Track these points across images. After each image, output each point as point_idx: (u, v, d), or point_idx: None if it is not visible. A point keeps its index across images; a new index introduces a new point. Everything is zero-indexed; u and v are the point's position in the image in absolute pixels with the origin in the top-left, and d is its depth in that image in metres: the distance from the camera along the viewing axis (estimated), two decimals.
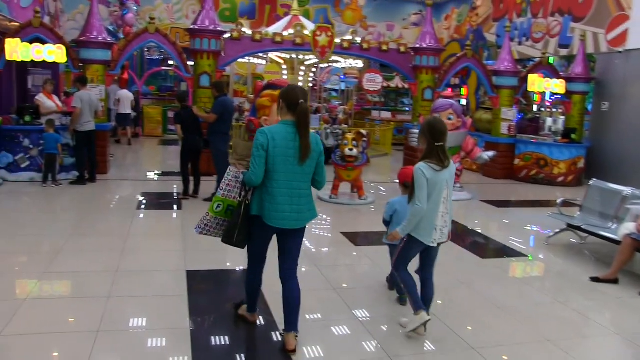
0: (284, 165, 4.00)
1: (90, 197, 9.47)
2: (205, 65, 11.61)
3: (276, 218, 4.05)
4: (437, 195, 4.35)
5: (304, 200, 4.13)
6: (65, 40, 11.11)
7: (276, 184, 4.02)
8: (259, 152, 3.95)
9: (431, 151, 4.35)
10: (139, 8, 19.94)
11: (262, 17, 22.17)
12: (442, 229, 4.48)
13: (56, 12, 17.93)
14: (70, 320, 4.62)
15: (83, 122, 10.16)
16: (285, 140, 3.99)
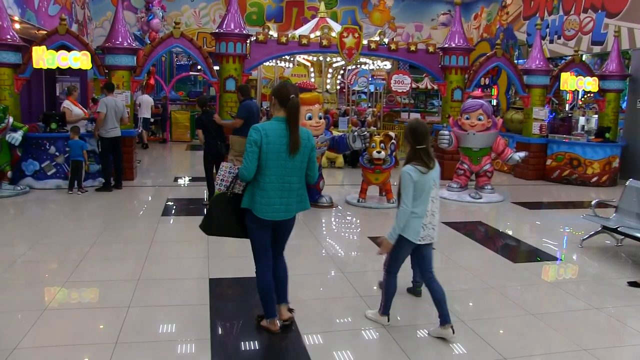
0: (276, 160, 4.17)
1: (115, 203, 9.43)
2: (230, 69, 11.53)
3: (267, 211, 4.22)
4: (426, 195, 4.46)
5: (294, 194, 4.32)
6: (90, 46, 11.15)
7: (268, 179, 4.19)
8: (252, 148, 4.12)
9: (415, 154, 4.44)
10: (164, 13, 20.05)
11: (290, 20, 22.10)
12: (432, 227, 4.57)
13: (84, 20, 18.10)
14: (89, 332, 4.51)
15: (108, 128, 10.13)
16: (278, 136, 4.16)
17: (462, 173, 10.58)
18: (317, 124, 8.76)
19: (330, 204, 9.29)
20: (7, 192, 9.63)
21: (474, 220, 8.92)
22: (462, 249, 7.35)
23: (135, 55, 11.20)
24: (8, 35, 10.50)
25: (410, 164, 4.43)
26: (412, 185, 4.38)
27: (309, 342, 4.46)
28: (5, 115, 9.62)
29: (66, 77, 15.87)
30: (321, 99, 9.37)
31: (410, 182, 4.38)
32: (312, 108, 8.69)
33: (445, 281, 5.96)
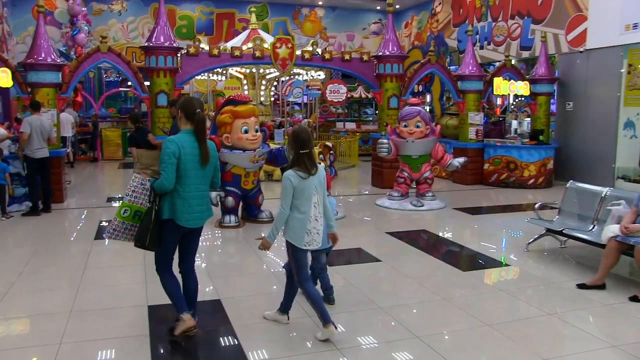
0: (193, 170, 4.38)
1: (44, 228, 8.89)
2: (162, 84, 11.15)
3: (189, 219, 4.42)
4: (306, 200, 4.54)
5: (205, 201, 4.57)
6: (10, 62, 10.51)
7: (188, 188, 4.38)
8: (170, 159, 4.26)
9: (298, 159, 4.54)
10: (90, 28, 19.35)
11: (220, 32, 21.80)
12: (317, 232, 4.63)
13: (3, 35, 17.18)
14: None
15: (34, 148, 9.57)
16: (191, 147, 4.36)
17: (402, 181, 10.55)
18: (254, 137, 8.53)
19: (270, 219, 9.04)
20: None
21: (417, 228, 8.87)
22: (406, 258, 7.26)
23: (60, 71, 10.64)
24: None
25: (292, 169, 4.53)
26: (292, 190, 4.48)
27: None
28: None
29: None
30: (257, 111, 9.14)
31: (290, 187, 4.48)
32: (248, 121, 8.46)
33: (392, 292, 5.90)
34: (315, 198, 4.60)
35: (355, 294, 5.81)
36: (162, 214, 4.38)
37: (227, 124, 8.49)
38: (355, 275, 6.43)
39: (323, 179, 4.70)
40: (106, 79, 21.15)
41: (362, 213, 10.23)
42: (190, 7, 21.58)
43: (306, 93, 18.72)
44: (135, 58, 19.38)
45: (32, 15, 18.32)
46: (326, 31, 23.21)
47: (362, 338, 4.73)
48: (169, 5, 20.10)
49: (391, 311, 5.30)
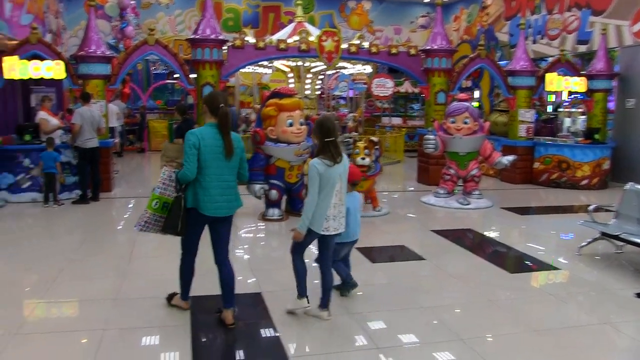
0: (214, 161, 4.56)
1: (92, 216, 9.11)
2: (207, 76, 11.24)
3: (210, 208, 4.60)
4: (330, 188, 4.68)
5: (232, 191, 4.72)
6: (63, 55, 10.80)
7: (209, 178, 4.57)
8: (191, 150, 4.48)
9: (323, 147, 4.68)
10: (138, 20, 19.69)
11: (266, 25, 21.90)
12: (334, 218, 4.78)
13: (58, 29, 17.71)
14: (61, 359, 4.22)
15: (85, 139, 9.82)
16: (213, 139, 4.55)
17: (448, 178, 10.39)
18: (299, 131, 8.53)
19: None
20: None
21: (463, 227, 8.72)
22: (451, 257, 7.15)
23: (109, 63, 10.87)
24: None
25: (318, 157, 4.68)
26: (319, 178, 4.61)
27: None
28: None
29: (41, 88, 15.46)
30: (302, 104, 9.14)
31: (317, 174, 4.61)
32: (293, 114, 8.46)
33: (435, 291, 5.81)
34: (338, 186, 4.73)
35: (397, 292, 5.76)
36: (187, 202, 4.63)
37: (272, 116, 8.51)
38: (398, 273, 6.38)
39: (347, 167, 4.85)
40: (154, 71, 21.52)
41: (406, 210, 10.14)
42: (236, 0, 21.74)
43: (352, 87, 18.66)
44: (183, 50, 19.62)
45: (85, 9, 18.80)
46: (373, 25, 23.06)
47: (402, 338, 4.69)
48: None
49: (433, 311, 5.23)
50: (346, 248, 5.50)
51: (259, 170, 8.62)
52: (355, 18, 22.91)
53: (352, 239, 5.44)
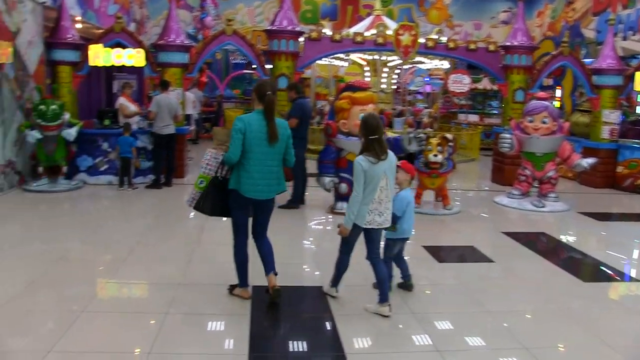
0: (258, 146, 4.74)
1: (164, 201, 9.34)
2: (283, 67, 11.28)
3: (251, 191, 4.79)
4: (375, 184, 4.73)
5: (274, 176, 4.89)
6: (144, 44, 11.12)
7: (252, 162, 4.75)
8: (237, 135, 4.69)
9: (368, 145, 4.75)
10: (217, 11, 20.00)
11: (344, 18, 21.77)
12: (380, 214, 4.82)
13: (142, 18, 18.28)
14: (123, 339, 4.30)
15: (161, 125, 10.06)
16: (258, 125, 4.74)
17: (523, 179, 10.00)
18: None
19: None
20: (62, 186, 9.74)
21: (536, 230, 8.36)
22: (521, 261, 6.84)
23: (187, 52, 11.10)
24: (68, 35, 10.73)
25: (363, 154, 4.75)
26: (363, 174, 4.69)
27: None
28: (62, 112, 9.69)
29: (124, 75, 16.01)
30: (375, 98, 9.00)
31: (362, 171, 4.69)
32: (365, 108, 8.32)
33: (503, 296, 5.58)
34: (383, 182, 4.78)
35: (464, 293, 5.57)
36: (230, 183, 4.86)
37: (344, 109, 8.42)
38: (465, 275, 6.18)
39: (394, 164, 4.92)
40: (233, 61, 21.83)
41: (478, 209, 9.84)
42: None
43: (428, 82, 18.32)
44: (261, 41, 19.80)
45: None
46: (452, 19, 22.51)
47: (465, 341, 4.51)
48: None
49: (500, 316, 5.01)
50: (398, 245, 5.46)
51: (329, 163, 8.57)
52: (435, 12, 22.45)
53: (406, 235, 5.40)
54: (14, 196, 9.21)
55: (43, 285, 5.40)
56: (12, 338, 4.29)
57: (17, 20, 9.57)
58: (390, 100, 16.87)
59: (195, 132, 16.79)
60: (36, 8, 10.25)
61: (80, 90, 11.49)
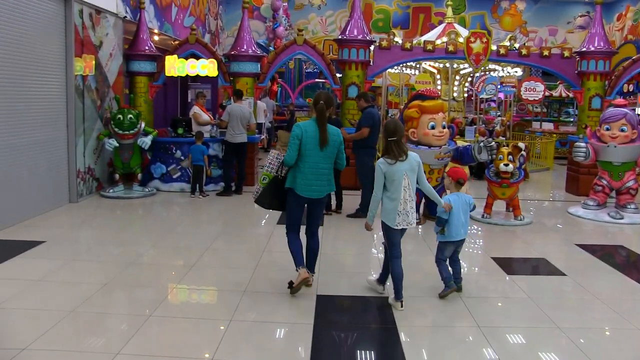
0: (312, 150, 5.24)
1: (234, 209, 9.46)
2: (353, 76, 11.25)
3: (305, 190, 5.28)
4: (397, 184, 5.02)
5: (325, 177, 5.36)
6: (217, 54, 11.39)
7: (307, 165, 5.25)
8: (294, 140, 5.23)
9: (387, 147, 5.08)
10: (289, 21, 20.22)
11: (416, 26, 21.60)
12: (406, 214, 5.05)
13: (216, 30, 18.73)
14: (188, 344, 4.35)
15: (234, 133, 10.19)
16: (313, 132, 5.25)
17: (600, 189, 9.54)
18: (440, 134, 8.23)
19: None
20: (137, 193, 10.07)
21: (614, 243, 7.94)
22: (596, 275, 6.48)
23: (259, 62, 11.27)
24: (146, 47, 11.13)
25: (383, 157, 5.09)
26: (383, 176, 5.05)
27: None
28: (138, 121, 10.01)
29: (197, 84, 16.43)
30: (445, 107, 8.82)
31: (381, 173, 5.06)
32: (435, 117, 8.19)
33: (576, 312, 5.31)
34: (406, 182, 5.03)
35: (533, 308, 5.33)
36: (286, 182, 5.35)
37: (414, 118, 8.30)
38: (536, 288, 5.91)
39: (416, 165, 5.13)
40: (305, 70, 22.03)
41: (552, 220, 9.45)
42: (387, 1, 21.67)
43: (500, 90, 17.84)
44: (332, 50, 19.89)
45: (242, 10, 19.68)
46: (526, 25, 21.92)
47: (532, 357, 4.30)
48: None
49: (571, 333, 4.75)
50: (450, 247, 5.51)
51: None
52: (508, 19, 21.92)
53: (455, 239, 5.44)
54: (92, 201, 9.59)
55: (115, 287, 5.56)
56: (84, 339, 4.43)
57: (100, 34, 9.99)
58: (462, 108, 16.53)
59: (266, 141, 17.00)
60: (117, 22, 10.67)
61: (156, 99, 11.87)
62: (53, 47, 8.83)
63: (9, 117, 7.81)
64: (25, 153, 8.17)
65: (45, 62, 8.64)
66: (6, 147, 7.73)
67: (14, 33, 7.86)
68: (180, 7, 15.16)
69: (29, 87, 8.27)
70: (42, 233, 7.41)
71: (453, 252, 5.55)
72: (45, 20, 8.59)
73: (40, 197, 8.50)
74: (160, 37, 13.57)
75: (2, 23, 7.61)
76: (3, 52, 7.66)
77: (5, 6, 7.65)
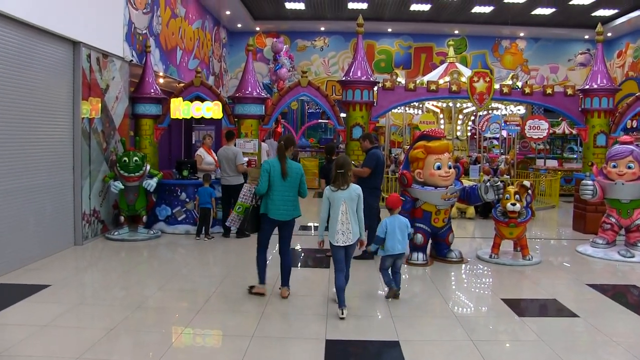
0: (278, 181, 6.55)
1: (239, 251, 9.36)
2: (357, 117, 11.37)
3: (276, 213, 6.57)
4: (336, 208, 6.17)
5: (290, 203, 6.63)
6: (222, 97, 11.53)
7: (276, 193, 6.56)
8: (264, 173, 6.56)
9: (335, 177, 6.23)
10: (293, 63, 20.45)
11: (418, 66, 21.87)
12: (343, 233, 6.15)
13: (220, 72, 18.98)
14: None
15: (225, 176, 10.20)
16: (278, 165, 6.58)
17: (608, 227, 9.50)
18: (447, 174, 8.24)
19: (459, 259, 8.65)
20: (141, 235, 10.05)
21: (625, 282, 7.84)
22: (610, 316, 6.37)
23: (263, 104, 11.39)
24: (152, 90, 11.27)
25: (329, 185, 6.30)
26: (327, 200, 6.24)
27: None
28: (143, 163, 10.06)
29: (202, 126, 16.59)
30: (451, 147, 8.86)
31: (326, 197, 6.27)
32: (441, 157, 8.22)
33: (590, 355, 5.22)
34: (343, 207, 6.14)
35: (546, 351, 5.23)
36: (261, 208, 6.66)
37: (419, 159, 8.34)
38: (548, 330, 5.83)
39: (355, 196, 6.20)
40: (308, 111, 22.22)
41: (560, 260, 9.38)
42: (389, 42, 21.98)
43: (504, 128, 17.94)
44: (335, 91, 20.09)
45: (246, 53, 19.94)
46: (527, 64, 22.17)
47: None
48: (369, 40, 20.72)
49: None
50: (389, 260, 6.69)
51: (405, 213, 8.38)
52: (509, 57, 22.19)
53: (392, 252, 6.63)
54: (97, 244, 9.57)
55: (121, 332, 5.49)
56: None
57: (106, 77, 10.13)
58: (466, 147, 16.61)
59: None
60: (123, 65, 10.83)
61: (161, 141, 11.96)
62: (61, 90, 8.95)
63: (17, 160, 7.87)
64: (32, 196, 8.20)
65: (52, 105, 8.75)
66: (13, 190, 7.76)
67: (22, 77, 7.98)
68: (185, 50, 15.41)
69: (37, 130, 8.36)
70: (47, 276, 7.38)
71: (394, 264, 6.72)
72: (53, 64, 8.73)
73: (45, 240, 8.50)
74: (166, 80, 13.76)
75: (12, 67, 7.73)
76: (13, 96, 7.77)
77: (15, 51, 7.78)
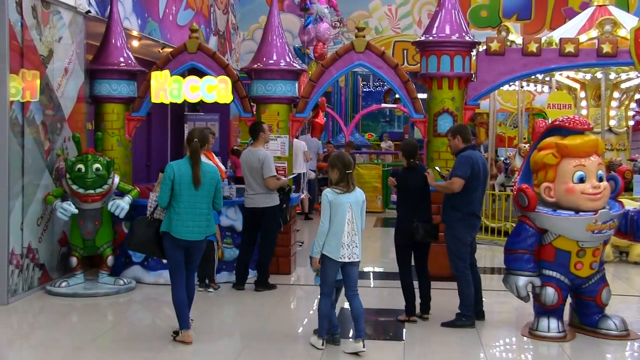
0: (187, 190, 7.43)
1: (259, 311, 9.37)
2: (445, 99, 11.14)
3: (182, 232, 7.40)
4: (341, 216, 7.16)
5: (203, 218, 7.56)
6: (231, 69, 11.36)
7: (182, 205, 7.43)
8: (166, 181, 7.43)
9: (342, 178, 7.26)
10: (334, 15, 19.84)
11: (543, 14, 21.61)
12: (349, 246, 7.22)
13: (227, 29, 18.84)
14: None
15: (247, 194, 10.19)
16: (186, 169, 7.46)
17: None
18: (596, 190, 7.94)
19: (622, 332, 8.27)
20: (105, 287, 10.03)
21: None
22: None
23: (296, 80, 11.25)
24: (121, 58, 11.17)
25: (331, 187, 7.27)
26: (329, 205, 7.16)
27: None
28: (109, 173, 9.97)
29: (200, 115, 16.49)
30: (602, 146, 8.57)
31: (327, 202, 7.18)
32: (585, 162, 7.94)
33: None
34: (350, 214, 7.18)
35: None
36: (162, 226, 7.49)
37: (548, 166, 8.09)
38: None
39: (361, 199, 7.38)
40: (364, 90, 22.03)
41: None
42: None
43: None
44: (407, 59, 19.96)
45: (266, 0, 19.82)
46: None
47: None
48: None
49: None
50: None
51: (525, 253, 8.18)
52: None
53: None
54: (32, 302, 9.58)
55: None
56: None
57: (49, 38, 10.08)
58: (626, 144, 16.28)
59: (308, 201, 16.84)
60: (76, 19, 10.77)
61: (136, 139, 11.93)
62: None
63: None
64: None
65: None
66: None
67: None
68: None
69: None
70: None
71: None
72: None
73: None
74: (143, 43, 13.77)
75: None
76: None
77: None
